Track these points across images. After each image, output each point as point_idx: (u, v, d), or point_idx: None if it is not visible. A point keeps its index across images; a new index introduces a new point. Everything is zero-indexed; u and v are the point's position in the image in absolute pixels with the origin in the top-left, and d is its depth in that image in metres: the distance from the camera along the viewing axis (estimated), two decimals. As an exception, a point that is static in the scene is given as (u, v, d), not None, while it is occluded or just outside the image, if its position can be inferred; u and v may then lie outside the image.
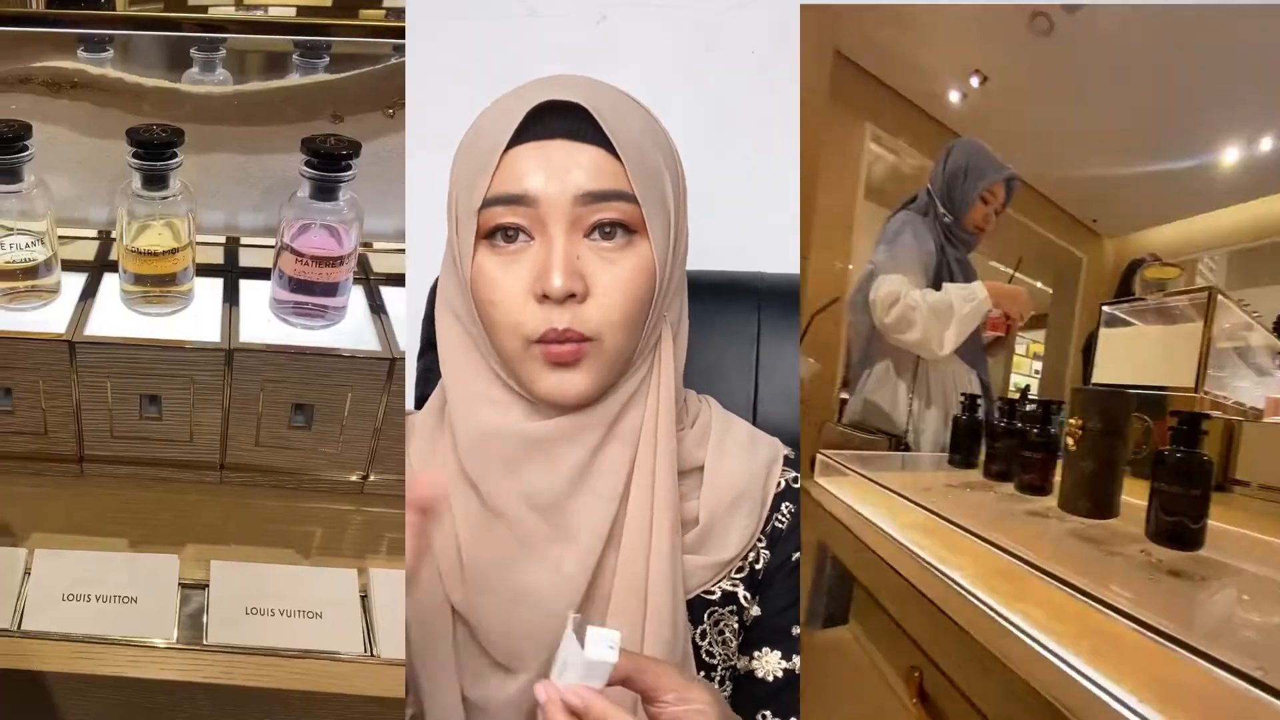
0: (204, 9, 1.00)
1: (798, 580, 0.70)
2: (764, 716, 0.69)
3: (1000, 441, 1.19)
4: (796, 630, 0.70)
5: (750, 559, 0.71)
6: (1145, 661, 0.50)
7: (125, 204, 0.90)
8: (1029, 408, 1.16)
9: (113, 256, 0.98)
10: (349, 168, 0.89)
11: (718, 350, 0.86)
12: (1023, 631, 0.58)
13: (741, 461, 0.71)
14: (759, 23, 1.00)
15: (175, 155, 0.87)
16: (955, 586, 0.69)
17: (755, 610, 0.71)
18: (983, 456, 1.27)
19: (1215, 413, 1.34)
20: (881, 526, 0.90)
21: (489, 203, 0.61)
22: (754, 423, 0.86)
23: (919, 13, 1.87)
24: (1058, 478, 1.00)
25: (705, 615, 0.69)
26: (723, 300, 0.88)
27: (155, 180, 0.88)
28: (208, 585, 0.85)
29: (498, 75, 1.03)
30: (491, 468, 0.65)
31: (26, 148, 0.88)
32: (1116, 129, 2.39)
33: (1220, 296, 1.36)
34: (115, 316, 0.94)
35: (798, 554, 0.71)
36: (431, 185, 0.89)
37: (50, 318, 0.93)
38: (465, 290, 0.64)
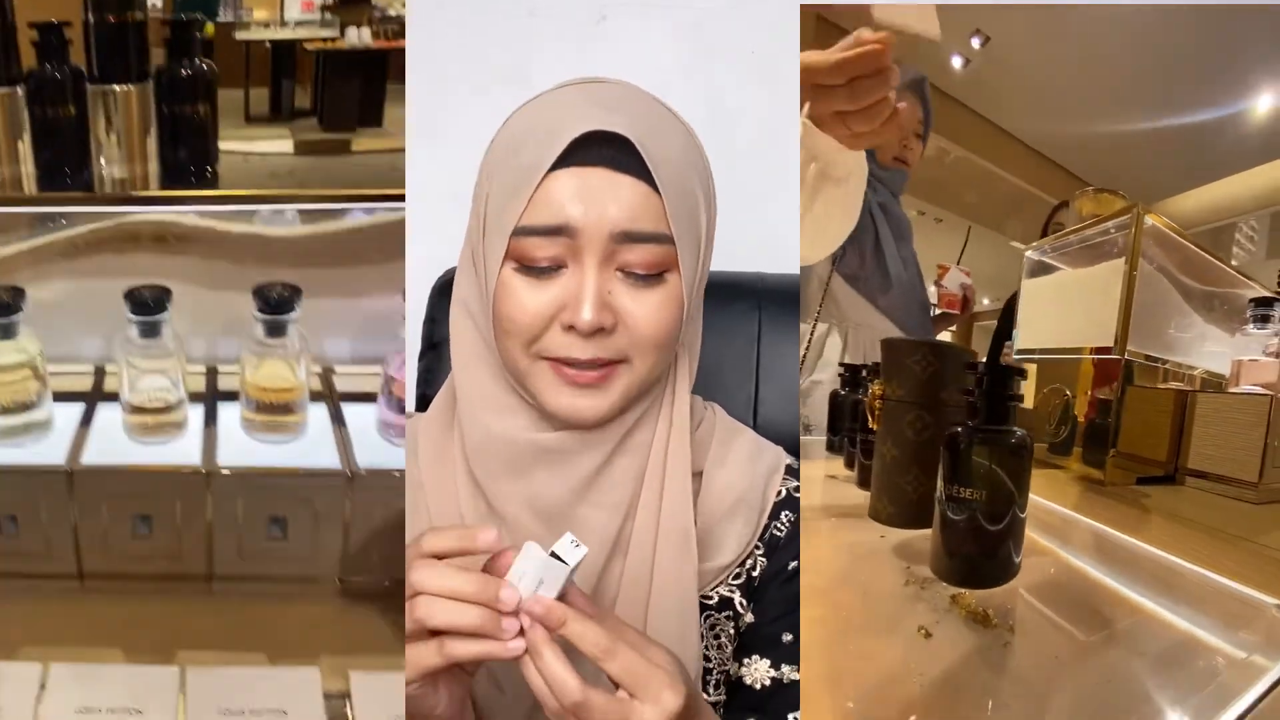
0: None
1: (794, 589, 0.70)
2: None
3: (858, 422, 0.99)
4: (789, 638, 0.70)
5: (748, 566, 0.71)
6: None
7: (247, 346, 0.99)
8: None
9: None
10: (293, 309, 0.96)
11: (718, 350, 0.86)
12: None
13: (742, 469, 0.71)
14: (759, 23, 0.99)
15: (294, 309, 0.96)
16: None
17: (749, 617, 0.71)
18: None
19: (1176, 384, 1.12)
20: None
21: (526, 231, 0.59)
22: (754, 423, 0.86)
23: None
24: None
25: (701, 619, 0.69)
26: (723, 300, 0.87)
27: (276, 329, 0.97)
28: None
29: (498, 75, 1.04)
30: (498, 471, 0.65)
31: (165, 307, 0.97)
32: (1132, 80, 2.08)
33: (1170, 232, 1.04)
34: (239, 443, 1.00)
35: (795, 562, 0.71)
36: (430, 184, 0.89)
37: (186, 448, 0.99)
38: (486, 300, 0.63)
